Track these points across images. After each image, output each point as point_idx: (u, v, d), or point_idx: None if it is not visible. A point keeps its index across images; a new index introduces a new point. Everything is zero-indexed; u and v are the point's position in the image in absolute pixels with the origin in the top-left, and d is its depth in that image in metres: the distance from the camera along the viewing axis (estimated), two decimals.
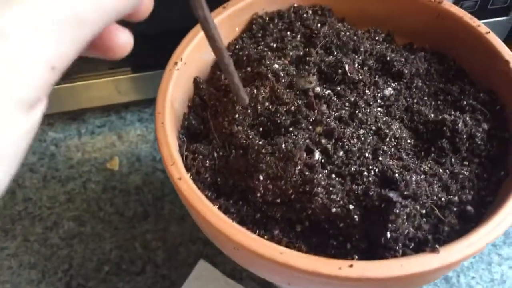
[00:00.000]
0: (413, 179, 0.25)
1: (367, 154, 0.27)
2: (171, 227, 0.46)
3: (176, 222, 0.46)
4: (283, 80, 0.29)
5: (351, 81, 0.30)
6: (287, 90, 0.29)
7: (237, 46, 0.34)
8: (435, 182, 0.26)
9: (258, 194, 0.26)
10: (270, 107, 0.28)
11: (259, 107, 0.28)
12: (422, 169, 0.26)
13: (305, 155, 0.26)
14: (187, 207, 0.26)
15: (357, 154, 0.27)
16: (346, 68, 0.30)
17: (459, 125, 0.28)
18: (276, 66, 0.30)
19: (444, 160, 0.28)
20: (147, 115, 0.55)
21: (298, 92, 0.29)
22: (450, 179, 0.27)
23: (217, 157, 0.28)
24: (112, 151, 0.53)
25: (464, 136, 0.28)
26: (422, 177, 0.26)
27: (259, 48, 0.33)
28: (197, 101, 0.32)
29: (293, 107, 0.28)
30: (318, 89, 0.29)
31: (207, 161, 0.28)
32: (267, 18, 0.35)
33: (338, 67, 0.30)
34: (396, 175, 0.25)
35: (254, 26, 0.35)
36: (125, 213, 0.47)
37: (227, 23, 0.34)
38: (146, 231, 0.46)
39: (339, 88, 0.30)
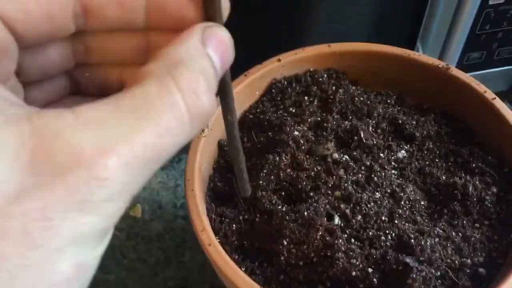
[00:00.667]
0: (428, 243, 0.27)
1: (383, 218, 0.29)
2: (192, 275, 0.47)
3: (197, 269, 0.48)
4: (303, 147, 0.32)
5: (366, 146, 0.32)
6: (307, 156, 0.31)
7: (258, 110, 0.37)
8: (449, 245, 0.28)
9: (282, 257, 0.28)
10: (291, 173, 0.30)
11: (281, 174, 0.30)
12: (435, 232, 0.28)
13: (325, 220, 0.28)
14: (216, 271, 0.28)
15: (374, 218, 0.29)
16: (362, 135, 0.32)
17: (470, 188, 0.30)
18: (296, 133, 0.32)
19: (456, 222, 0.29)
20: (167, 162, 0.58)
21: (317, 158, 0.31)
22: (462, 241, 0.28)
23: (242, 220, 0.30)
24: (135, 198, 0.55)
25: (475, 199, 0.29)
26: (436, 240, 0.28)
27: (279, 112, 0.35)
28: (222, 163, 0.34)
29: (313, 173, 0.30)
30: (335, 155, 0.31)
31: (234, 225, 0.30)
32: (285, 82, 0.38)
33: (354, 133, 0.32)
34: (412, 240, 0.27)
35: (273, 90, 0.38)
36: (148, 260, 0.49)
37: (249, 88, 0.37)
38: (169, 278, 0.47)
39: (355, 153, 0.32)
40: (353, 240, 0.28)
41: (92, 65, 0.19)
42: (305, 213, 0.28)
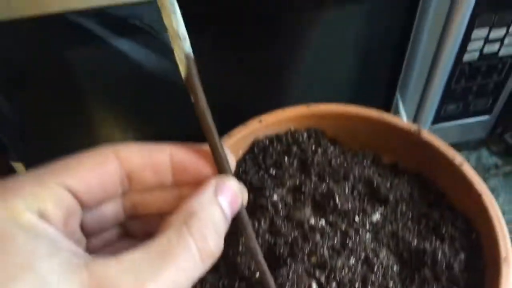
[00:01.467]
0: None
1: (357, 285, 0.30)
2: None
3: None
4: (281, 213, 0.33)
5: (342, 210, 0.34)
6: (285, 221, 0.33)
7: (240, 169, 0.38)
8: None
9: None
10: (269, 239, 0.32)
11: (260, 240, 0.32)
12: None
13: None
14: None
15: (348, 285, 0.30)
16: (337, 200, 0.33)
17: (439, 255, 0.31)
18: (275, 197, 0.34)
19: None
20: None
21: (294, 223, 0.33)
22: None
23: (222, 285, 0.31)
24: None
25: (443, 266, 0.31)
26: None
27: (260, 173, 0.37)
28: None
29: (290, 239, 0.32)
30: (312, 220, 0.33)
31: None
32: (267, 141, 0.39)
33: (330, 197, 0.34)
34: None
35: (255, 149, 0.39)
36: None
37: (232, 149, 0.38)
38: None
39: (331, 218, 0.33)
40: None
41: (138, 216, 0.24)
42: (283, 281, 0.29)
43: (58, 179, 0.20)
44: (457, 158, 0.35)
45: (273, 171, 0.37)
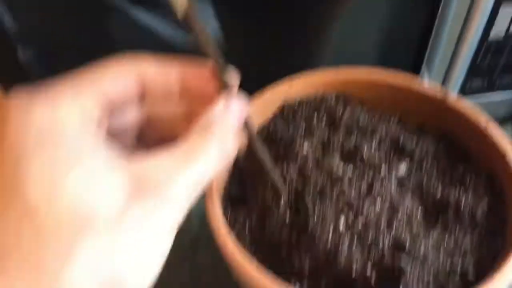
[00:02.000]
0: (422, 248, 0.30)
1: (382, 225, 0.32)
2: (204, 277, 0.50)
3: (210, 270, 0.50)
4: (311, 162, 0.35)
5: (369, 162, 0.35)
6: (314, 169, 0.35)
7: (270, 127, 0.40)
8: (441, 251, 0.31)
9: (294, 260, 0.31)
10: (299, 185, 0.34)
11: (289, 186, 0.34)
12: (430, 239, 0.31)
13: (332, 226, 0.31)
14: (235, 270, 0.31)
15: (374, 225, 0.32)
16: (364, 153, 0.35)
17: (462, 202, 0.33)
18: (305, 148, 0.36)
19: (449, 231, 0.32)
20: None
21: (323, 171, 0.35)
22: (454, 248, 0.31)
23: (253, 227, 0.33)
24: None
25: (467, 212, 0.32)
26: (429, 246, 0.31)
27: (290, 130, 0.39)
28: (236, 171, 0.38)
29: (319, 185, 0.33)
30: (340, 170, 0.34)
31: (246, 230, 0.33)
32: (297, 103, 0.42)
33: (357, 150, 0.36)
34: (407, 244, 0.30)
35: (285, 109, 0.41)
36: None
37: (262, 108, 0.40)
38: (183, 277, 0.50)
39: (358, 168, 0.35)
40: (354, 244, 0.31)
41: (152, 128, 0.28)
42: (312, 215, 0.31)
43: (94, 84, 0.23)
44: (484, 119, 0.36)
45: (303, 128, 0.39)
